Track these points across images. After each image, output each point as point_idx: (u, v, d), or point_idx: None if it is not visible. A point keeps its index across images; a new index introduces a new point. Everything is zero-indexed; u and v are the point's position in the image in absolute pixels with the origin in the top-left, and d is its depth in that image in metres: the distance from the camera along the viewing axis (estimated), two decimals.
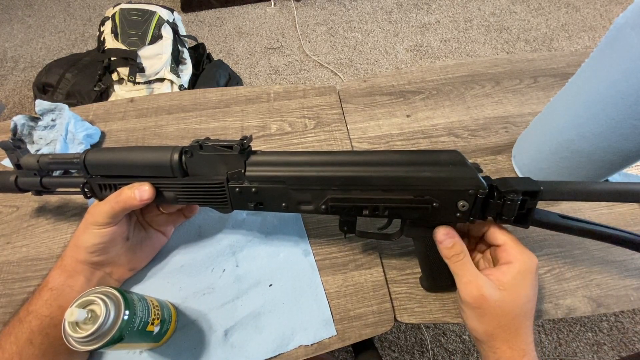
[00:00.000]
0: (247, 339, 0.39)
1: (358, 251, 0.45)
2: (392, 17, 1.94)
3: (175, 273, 0.43)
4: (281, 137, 0.56)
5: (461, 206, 0.33)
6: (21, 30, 1.91)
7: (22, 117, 0.51)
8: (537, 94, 0.60)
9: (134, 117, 0.58)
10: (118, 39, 1.16)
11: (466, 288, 0.33)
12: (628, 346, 1.01)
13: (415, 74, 0.64)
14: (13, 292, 0.42)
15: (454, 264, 0.34)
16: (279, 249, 0.45)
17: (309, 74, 1.71)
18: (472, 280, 0.33)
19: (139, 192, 0.35)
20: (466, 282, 0.33)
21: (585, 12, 1.93)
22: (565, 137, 0.41)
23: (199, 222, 0.47)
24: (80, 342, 0.29)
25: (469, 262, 0.34)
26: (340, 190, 0.35)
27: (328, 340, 0.39)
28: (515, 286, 0.32)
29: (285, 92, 0.61)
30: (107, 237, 0.36)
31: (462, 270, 0.34)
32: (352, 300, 0.42)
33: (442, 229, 0.35)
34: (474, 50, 1.77)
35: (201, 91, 0.62)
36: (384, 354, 1.02)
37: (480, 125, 0.57)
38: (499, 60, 0.65)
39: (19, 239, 0.46)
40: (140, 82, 1.16)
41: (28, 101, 1.60)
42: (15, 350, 0.32)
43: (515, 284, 0.32)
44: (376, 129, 0.57)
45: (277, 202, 0.37)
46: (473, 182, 0.32)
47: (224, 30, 1.90)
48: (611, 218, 0.47)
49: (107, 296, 0.30)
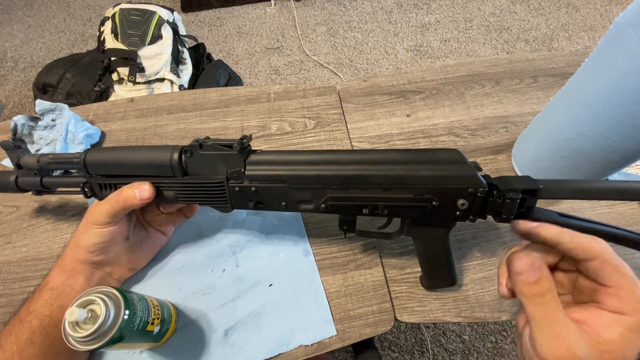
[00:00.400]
0: (247, 339, 0.39)
1: (358, 251, 0.45)
2: (392, 17, 1.94)
3: (175, 273, 0.43)
4: (281, 137, 0.56)
5: (461, 205, 0.33)
6: (21, 30, 1.92)
7: (22, 117, 0.51)
8: (537, 94, 0.60)
9: (134, 117, 0.58)
10: (118, 39, 1.16)
11: (551, 345, 0.23)
12: None
13: (415, 74, 0.64)
14: (13, 292, 0.42)
15: (534, 307, 0.24)
16: (279, 249, 0.45)
17: (309, 74, 1.71)
18: (562, 334, 0.23)
19: (139, 192, 0.35)
20: (552, 336, 0.23)
21: (585, 12, 1.93)
22: (565, 136, 0.41)
23: (199, 222, 0.47)
24: (80, 341, 0.29)
25: (557, 306, 0.24)
26: (340, 189, 0.35)
27: (328, 340, 0.39)
28: (622, 348, 0.22)
29: (285, 92, 0.61)
30: (107, 237, 0.36)
31: (547, 317, 0.24)
32: (352, 300, 0.42)
33: (524, 256, 0.25)
34: (474, 50, 1.77)
35: (201, 91, 0.62)
36: (384, 354, 1.02)
37: (480, 125, 0.57)
38: (499, 60, 0.65)
39: (19, 239, 0.46)
40: (140, 82, 1.16)
41: (28, 101, 1.60)
42: (16, 349, 0.32)
43: (623, 345, 0.22)
44: (376, 128, 0.57)
45: (277, 201, 0.37)
46: (472, 181, 0.32)
47: (224, 30, 1.90)
48: (611, 217, 0.47)
49: (107, 296, 0.30)
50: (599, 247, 0.25)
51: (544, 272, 0.25)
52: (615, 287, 0.24)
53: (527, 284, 0.25)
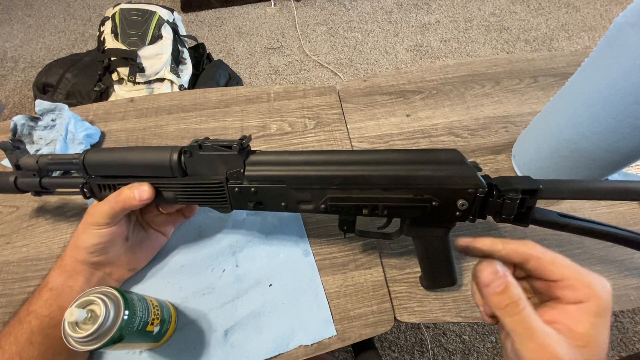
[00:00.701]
0: (247, 339, 0.39)
1: (358, 251, 0.45)
2: (392, 17, 1.94)
3: (175, 273, 0.43)
4: (281, 137, 0.56)
5: (460, 205, 0.33)
6: (21, 30, 1.92)
7: (22, 117, 0.51)
8: (537, 94, 0.60)
9: (134, 117, 0.58)
10: (118, 39, 1.16)
11: (536, 357, 0.22)
12: (628, 346, 1.01)
13: (415, 74, 0.64)
14: (13, 292, 0.42)
15: (509, 318, 0.24)
16: (279, 249, 0.45)
17: (309, 74, 1.71)
18: (542, 342, 0.23)
19: (138, 192, 0.35)
20: (535, 348, 0.23)
21: (585, 12, 1.93)
22: (565, 136, 0.41)
23: (199, 222, 0.47)
24: (80, 342, 0.29)
25: (531, 314, 0.23)
26: (340, 190, 0.35)
27: (328, 340, 0.39)
28: (596, 336, 0.23)
29: (285, 92, 0.61)
30: (107, 238, 0.36)
31: (524, 327, 0.23)
32: (352, 300, 0.42)
33: (487, 266, 0.25)
34: (474, 50, 1.77)
35: (201, 91, 0.62)
36: (384, 354, 1.02)
37: (480, 125, 0.57)
38: (499, 60, 0.65)
39: (19, 239, 0.46)
40: (140, 82, 1.16)
41: (28, 101, 1.60)
42: (15, 350, 0.32)
43: (595, 333, 0.23)
44: (376, 128, 0.57)
45: (276, 201, 0.37)
46: (472, 181, 0.32)
47: (224, 30, 1.90)
48: (611, 217, 0.47)
49: (107, 296, 0.30)
50: (529, 248, 0.26)
51: (510, 279, 0.25)
52: (561, 279, 0.24)
53: (497, 295, 0.24)
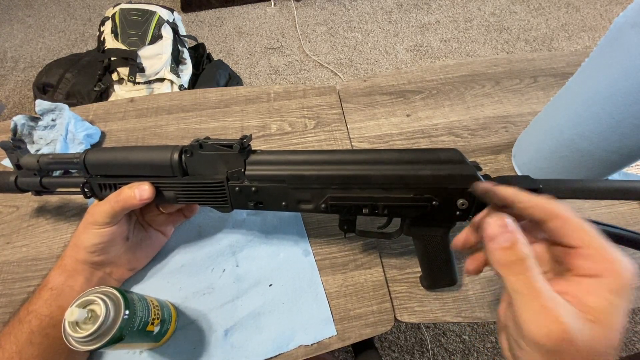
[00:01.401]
0: (247, 339, 0.39)
1: (358, 251, 0.45)
2: (392, 17, 1.94)
3: (175, 273, 0.43)
4: (281, 137, 0.56)
5: (460, 204, 0.33)
6: (21, 30, 1.92)
7: (22, 117, 0.51)
8: (537, 94, 0.60)
9: (134, 117, 0.58)
10: (118, 39, 1.16)
11: (538, 319, 0.20)
12: (628, 346, 1.01)
13: (415, 74, 0.64)
14: (13, 292, 0.42)
15: (513, 277, 0.22)
16: (279, 249, 0.45)
17: (309, 74, 1.71)
18: (548, 306, 0.20)
19: (138, 192, 0.35)
20: (538, 309, 0.20)
21: (585, 12, 1.93)
22: (565, 136, 0.41)
23: (199, 222, 0.47)
24: (80, 342, 0.29)
25: (538, 276, 0.21)
26: (340, 189, 0.35)
27: (328, 340, 0.39)
28: (609, 314, 0.20)
29: (285, 92, 0.61)
30: (107, 237, 0.36)
31: (528, 288, 0.21)
32: (352, 300, 0.42)
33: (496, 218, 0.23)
34: (474, 50, 1.77)
35: (201, 91, 0.62)
36: (384, 354, 1.02)
37: (480, 125, 0.57)
38: (499, 60, 0.65)
39: (19, 239, 0.46)
40: (140, 82, 1.16)
41: (28, 101, 1.60)
42: (15, 350, 0.32)
43: (610, 310, 0.20)
44: (376, 128, 0.57)
45: (277, 201, 0.37)
46: (472, 180, 0.32)
47: (224, 30, 1.90)
48: (611, 217, 0.47)
49: (107, 296, 0.30)
50: (557, 205, 0.23)
51: (518, 234, 0.23)
52: (582, 247, 0.22)
53: (502, 250, 0.22)
